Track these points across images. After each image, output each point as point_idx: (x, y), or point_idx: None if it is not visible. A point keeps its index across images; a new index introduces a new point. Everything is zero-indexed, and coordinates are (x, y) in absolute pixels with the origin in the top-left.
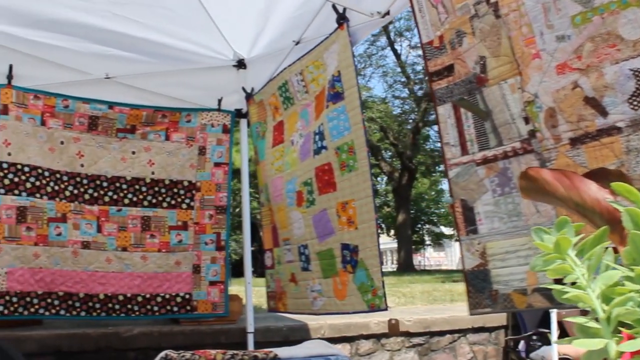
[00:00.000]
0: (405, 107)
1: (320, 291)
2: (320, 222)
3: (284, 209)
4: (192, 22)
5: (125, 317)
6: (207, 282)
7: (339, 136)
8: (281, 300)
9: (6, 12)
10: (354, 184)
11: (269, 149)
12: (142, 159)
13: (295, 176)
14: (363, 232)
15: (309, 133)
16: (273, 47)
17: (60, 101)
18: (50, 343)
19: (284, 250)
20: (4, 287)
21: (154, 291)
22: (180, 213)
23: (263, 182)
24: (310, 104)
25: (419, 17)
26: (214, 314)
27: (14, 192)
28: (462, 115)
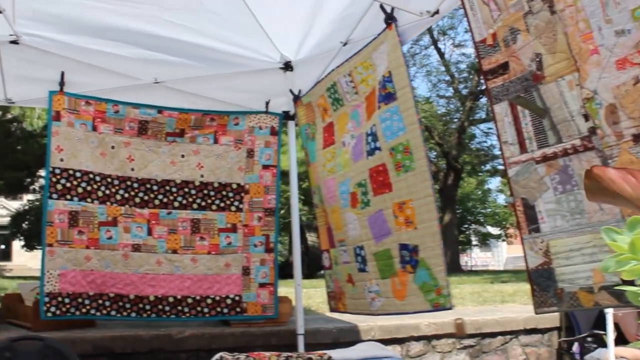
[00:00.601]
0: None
1: (378, 292)
2: (376, 223)
3: (338, 210)
4: (239, 26)
5: (176, 319)
6: (257, 284)
7: (393, 137)
8: (340, 300)
9: (58, 20)
10: (411, 184)
11: (319, 150)
12: (191, 162)
13: (348, 177)
14: (423, 232)
15: (360, 134)
16: (320, 49)
17: (110, 106)
18: (104, 344)
19: (340, 251)
20: (57, 289)
21: (204, 293)
22: (229, 215)
23: (315, 183)
24: (361, 104)
25: (470, 15)
26: (263, 316)
27: (66, 197)
28: (519, 113)
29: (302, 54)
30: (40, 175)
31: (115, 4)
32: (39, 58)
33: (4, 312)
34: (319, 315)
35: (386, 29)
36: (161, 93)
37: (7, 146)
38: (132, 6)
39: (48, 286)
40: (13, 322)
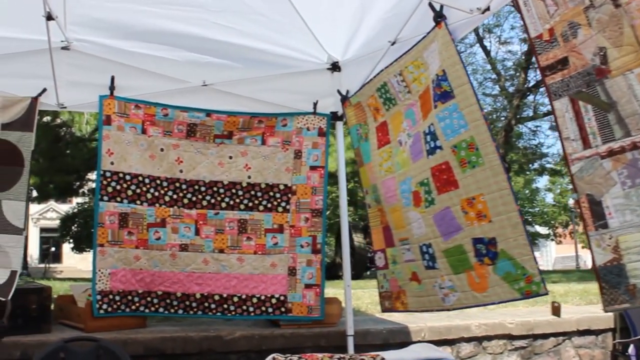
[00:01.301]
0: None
1: (452, 287)
2: (443, 220)
3: (400, 209)
4: (286, 27)
5: (221, 316)
6: (303, 285)
7: (454, 134)
8: (399, 299)
9: (107, 25)
10: (480, 179)
11: (374, 150)
12: (239, 164)
13: (409, 176)
14: (500, 224)
15: (417, 133)
16: (367, 49)
17: (160, 110)
18: (154, 345)
19: (402, 249)
20: (108, 287)
21: (250, 292)
22: (276, 216)
23: (370, 183)
24: (415, 103)
25: (524, 11)
26: (309, 317)
27: (116, 200)
28: (580, 109)
29: (350, 54)
30: (89, 179)
31: (163, 8)
32: (90, 63)
33: (57, 313)
34: (368, 317)
35: (435, 27)
36: (209, 95)
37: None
38: (180, 10)
39: (100, 284)
40: (66, 323)
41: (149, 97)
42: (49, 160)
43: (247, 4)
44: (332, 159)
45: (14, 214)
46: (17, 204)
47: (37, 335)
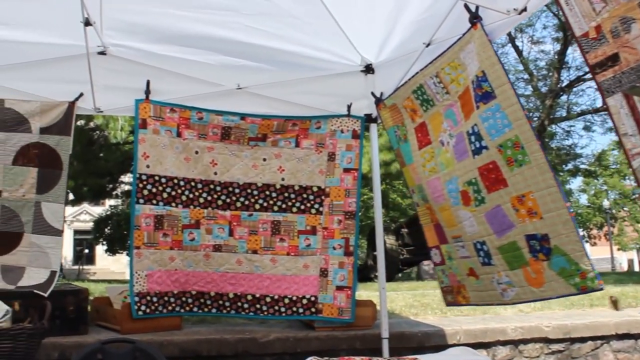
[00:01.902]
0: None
1: (510, 282)
2: (495, 218)
3: (449, 208)
4: (320, 30)
5: (254, 316)
6: (334, 287)
7: (498, 134)
8: (460, 293)
9: (142, 30)
10: (528, 177)
11: (415, 151)
12: (273, 166)
13: (455, 176)
14: (552, 221)
15: (460, 133)
16: (402, 51)
17: (194, 113)
18: (190, 347)
19: (456, 246)
20: (145, 288)
21: (282, 293)
22: (309, 218)
23: (415, 183)
24: (454, 104)
25: (567, 10)
26: (340, 319)
27: (152, 202)
28: (636, 103)
29: (383, 57)
30: (121, 181)
31: (198, 12)
32: (125, 67)
33: (94, 315)
34: (402, 319)
35: (471, 28)
36: (244, 98)
37: (90, 154)
38: (214, 14)
39: (137, 286)
40: (102, 324)
41: (183, 101)
42: (83, 163)
43: (281, 7)
44: (365, 161)
45: (53, 215)
46: (56, 206)
47: (74, 336)
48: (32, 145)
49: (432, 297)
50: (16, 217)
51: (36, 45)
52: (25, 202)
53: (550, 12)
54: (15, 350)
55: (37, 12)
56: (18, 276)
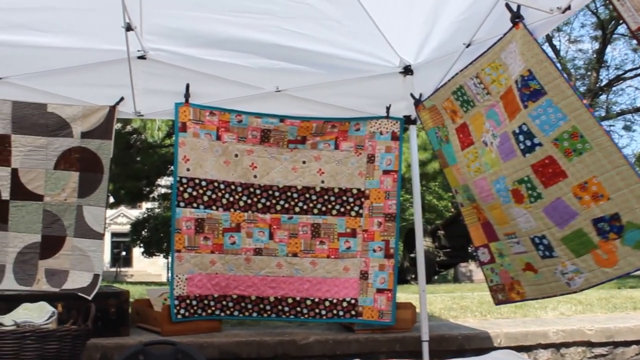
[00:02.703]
0: None
1: (577, 270)
2: (556, 211)
3: (499, 206)
4: (358, 32)
5: (294, 319)
6: (375, 289)
7: (553, 129)
8: (513, 289)
9: (182, 34)
10: (590, 163)
11: (458, 152)
12: (312, 168)
13: (502, 175)
14: (623, 199)
15: (504, 133)
16: (441, 52)
17: (234, 116)
18: (230, 349)
19: (509, 243)
20: (185, 292)
21: (322, 295)
22: (349, 220)
23: (459, 183)
24: (496, 104)
25: (618, 6)
26: (380, 322)
27: (192, 205)
28: None
29: (422, 58)
30: (158, 184)
31: (237, 16)
32: (165, 71)
33: (134, 317)
34: (442, 322)
35: (513, 28)
36: (282, 101)
37: (127, 157)
38: (253, 17)
39: (177, 290)
40: (143, 326)
41: (223, 104)
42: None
43: (319, 9)
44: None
45: (95, 219)
46: (97, 209)
47: (115, 338)
48: (73, 150)
49: (470, 299)
50: (58, 221)
51: (77, 51)
52: (67, 206)
53: (588, 10)
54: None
55: (77, 19)
56: (62, 279)
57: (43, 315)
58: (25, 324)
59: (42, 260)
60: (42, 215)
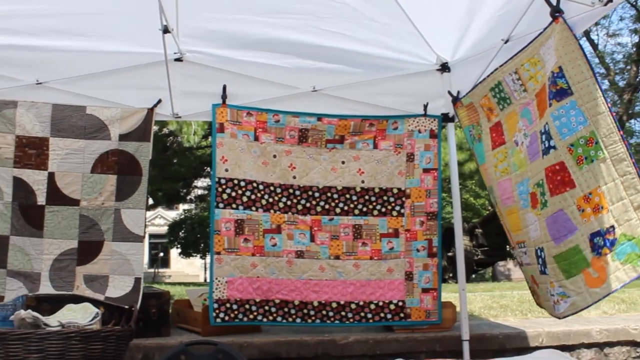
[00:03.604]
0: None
1: (564, 293)
2: (555, 224)
3: (517, 211)
4: (395, 30)
5: (340, 324)
6: (420, 289)
7: (570, 133)
8: (537, 295)
9: (218, 35)
10: (597, 172)
11: (488, 151)
12: (352, 168)
13: (526, 177)
14: (622, 209)
15: (534, 132)
16: (478, 48)
17: (271, 116)
18: (270, 349)
19: (520, 252)
20: (225, 295)
21: (367, 298)
22: (390, 220)
23: (487, 184)
24: (531, 102)
25: None
26: (427, 322)
27: (231, 206)
28: None
29: (459, 55)
30: (195, 186)
31: (273, 17)
32: (202, 73)
33: (174, 317)
34: (482, 321)
35: (553, 22)
36: (319, 101)
37: (164, 159)
38: (289, 18)
39: (217, 293)
40: (183, 326)
41: (259, 105)
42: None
43: (356, 9)
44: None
45: (134, 222)
46: (137, 212)
47: (157, 338)
48: (111, 153)
49: (510, 298)
50: (95, 225)
51: (115, 54)
52: (104, 210)
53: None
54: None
55: (115, 23)
56: (103, 286)
57: (87, 316)
58: (70, 325)
59: (80, 266)
60: (79, 220)
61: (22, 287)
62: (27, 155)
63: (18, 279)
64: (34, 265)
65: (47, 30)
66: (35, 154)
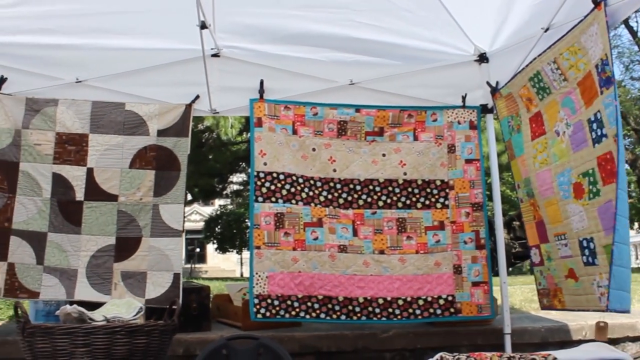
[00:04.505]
0: None
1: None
2: (606, 213)
3: (556, 202)
4: (432, 21)
5: (386, 321)
6: (470, 283)
7: (614, 123)
8: (556, 297)
9: (254, 31)
10: None
11: (527, 142)
12: (393, 161)
13: (568, 167)
14: None
15: (579, 122)
16: (517, 38)
17: (309, 109)
18: (310, 343)
19: (558, 245)
20: (266, 291)
21: (415, 294)
22: (435, 213)
23: (522, 177)
24: (572, 91)
25: None
26: (480, 317)
27: (271, 200)
28: None
29: (498, 45)
30: (231, 181)
31: (309, 10)
32: (239, 68)
33: (214, 312)
34: (523, 314)
35: (595, 9)
36: (357, 94)
37: (200, 155)
38: (325, 12)
39: (257, 288)
40: (223, 321)
41: (297, 99)
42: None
43: (392, 1)
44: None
45: (172, 217)
46: (175, 207)
47: (197, 333)
48: (149, 148)
49: None
50: (133, 221)
51: (152, 51)
52: (142, 205)
53: None
54: (149, 346)
55: (151, 21)
56: (142, 283)
57: (131, 310)
58: (115, 319)
59: (118, 262)
60: (117, 216)
61: (58, 283)
62: (66, 152)
63: (54, 275)
64: (70, 262)
65: (87, 29)
66: (74, 150)
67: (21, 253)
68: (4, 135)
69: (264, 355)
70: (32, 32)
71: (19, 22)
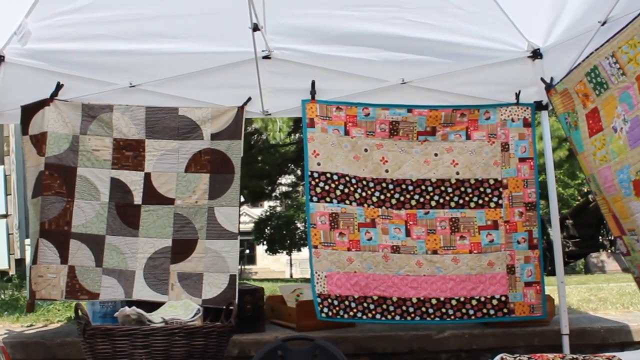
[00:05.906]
0: None
1: None
2: None
3: (621, 199)
4: (484, 18)
5: (440, 321)
6: (523, 283)
7: None
8: None
9: (304, 32)
10: None
11: (586, 139)
12: (446, 160)
13: (626, 164)
14: None
15: (636, 117)
16: (572, 32)
17: (361, 110)
18: (365, 344)
19: (633, 239)
20: (326, 290)
21: (468, 294)
22: (488, 212)
23: (588, 172)
24: (631, 85)
25: None
26: (532, 317)
27: (325, 200)
28: None
29: (552, 40)
30: (280, 183)
31: (358, 10)
32: (290, 70)
33: (268, 313)
34: (581, 314)
35: None
36: (408, 93)
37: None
38: (375, 10)
39: (318, 287)
40: (277, 322)
41: (348, 99)
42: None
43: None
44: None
45: (227, 219)
46: (230, 209)
47: (252, 334)
48: (203, 152)
49: (608, 291)
50: (189, 224)
51: (204, 55)
52: (198, 208)
53: None
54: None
55: (202, 24)
56: (198, 284)
57: (189, 312)
58: (173, 321)
59: (174, 264)
60: (173, 219)
61: (116, 284)
62: (124, 157)
63: (112, 276)
64: (128, 264)
65: (139, 34)
66: (132, 156)
67: (81, 256)
68: (61, 141)
69: (320, 357)
70: (87, 38)
71: (73, 29)
